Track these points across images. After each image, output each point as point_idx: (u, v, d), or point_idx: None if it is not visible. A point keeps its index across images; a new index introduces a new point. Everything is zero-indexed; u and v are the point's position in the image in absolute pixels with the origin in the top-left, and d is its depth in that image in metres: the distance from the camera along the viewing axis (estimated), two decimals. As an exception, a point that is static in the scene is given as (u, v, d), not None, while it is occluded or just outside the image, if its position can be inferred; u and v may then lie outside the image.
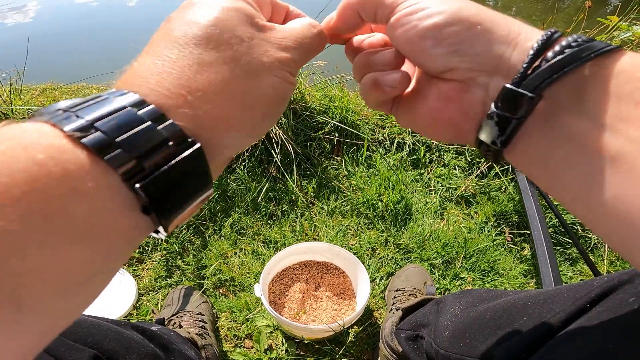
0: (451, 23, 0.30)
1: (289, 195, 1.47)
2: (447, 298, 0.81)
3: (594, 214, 0.28)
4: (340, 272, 1.21)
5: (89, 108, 0.24)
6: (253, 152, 1.50)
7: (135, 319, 1.16)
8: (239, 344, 1.12)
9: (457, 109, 0.33)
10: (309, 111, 1.57)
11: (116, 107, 0.25)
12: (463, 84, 0.32)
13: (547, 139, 0.29)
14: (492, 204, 1.47)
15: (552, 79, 0.28)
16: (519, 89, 0.28)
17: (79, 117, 0.23)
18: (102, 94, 0.26)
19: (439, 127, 0.35)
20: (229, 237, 1.35)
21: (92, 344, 0.59)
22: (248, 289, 1.22)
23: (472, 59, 0.30)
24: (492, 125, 0.30)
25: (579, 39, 0.28)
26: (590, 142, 0.27)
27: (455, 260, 1.32)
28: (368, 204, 1.45)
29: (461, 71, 0.31)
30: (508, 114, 0.29)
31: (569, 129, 0.28)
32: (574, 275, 1.33)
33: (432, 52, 0.31)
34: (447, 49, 0.30)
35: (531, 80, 0.28)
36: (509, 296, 0.63)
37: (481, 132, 0.32)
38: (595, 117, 0.27)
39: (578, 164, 0.28)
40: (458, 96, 0.32)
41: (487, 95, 0.31)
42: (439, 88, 0.33)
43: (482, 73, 0.30)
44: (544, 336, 0.49)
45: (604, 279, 0.47)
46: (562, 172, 0.29)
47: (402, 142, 1.65)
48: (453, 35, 0.30)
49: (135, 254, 1.28)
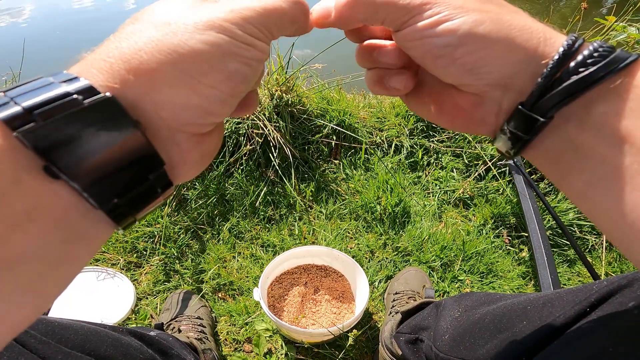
0: (465, 43, 0.29)
1: (287, 199, 1.47)
2: (446, 301, 0.81)
3: (599, 212, 0.30)
4: (339, 276, 1.21)
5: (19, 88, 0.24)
6: (251, 156, 1.50)
7: (133, 323, 1.15)
8: (238, 347, 1.11)
9: (472, 117, 0.34)
10: (307, 114, 1.57)
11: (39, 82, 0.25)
12: (477, 97, 0.32)
13: (556, 148, 0.31)
14: (490, 206, 1.48)
15: (564, 102, 0.28)
16: (531, 112, 0.29)
17: None
18: None
19: (455, 126, 0.36)
20: (227, 241, 1.34)
21: (89, 351, 0.59)
22: (247, 293, 1.21)
23: (486, 77, 0.30)
24: (504, 139, 0.32)
25: (600, 49, 0.28)
26: (595, 153, 0.28)
27: (454, 262, 1.32)
28: (366, 207, 1.45)
29: (475, 87, 0.32)
30: (519, 133, 0.31)
31: (576, 141, 0.29)
32: (572, 277, 1.34)
33: (445, 70, 0.31)
34: (461, 68, 0.30)
35: (543, 103, 0.29)
36: (509, 300, 0.63)
37: (495, 142, 0.34)
38: (601, 132, 0.28)
39: (584, 169, 0.29)
40: (472, 108, 0.33)
41: (500, 109, 0.32)
42: (454, 98, 0.34)
43: (496, 88, 0.31)
44: (543, 340, 0.49)
45: (603, 283, 0.47)
46: (569, 175, 0.31)
47: (399, 144, 1.65)
48: (466, 55, 0.30)
49: (133, 258, 1.28)
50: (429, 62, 0.32)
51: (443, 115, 0.36)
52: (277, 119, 1.47)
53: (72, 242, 0.25)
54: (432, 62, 0.31)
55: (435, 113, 0.37)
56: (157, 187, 0.29)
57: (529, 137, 0.30)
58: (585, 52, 0.28)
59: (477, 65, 0.30)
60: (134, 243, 1.31)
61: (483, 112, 0.33)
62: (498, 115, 0.32)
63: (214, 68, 0.28)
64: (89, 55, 0.27)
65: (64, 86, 0.24)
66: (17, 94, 0.23)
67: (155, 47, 0.27)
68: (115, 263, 1.27)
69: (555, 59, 0.28)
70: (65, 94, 0.24)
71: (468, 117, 0.34)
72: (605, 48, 0.28)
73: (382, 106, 1.77)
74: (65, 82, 0.25)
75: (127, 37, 0.27)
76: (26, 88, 0.24)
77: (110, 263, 1.27)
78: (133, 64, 0.26)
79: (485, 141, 1.64)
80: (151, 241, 1.32)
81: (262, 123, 1.44)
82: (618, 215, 0.28)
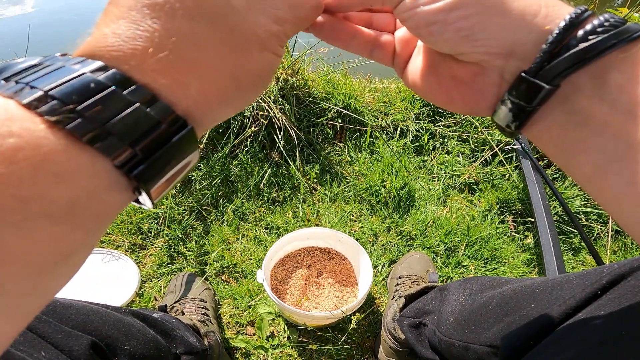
0: (458, 6, 0.28)
1: (291, 181, 1.46)
2: (451, 285, 0.80)
3: (608, 197, 0.28)
4: (343, 259, 1.20)
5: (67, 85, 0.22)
6: (256, 138, 1.49)
7: (137, 306, 1.16)
8: (241, 330, 1.12)
9: (471, 90, 0.32)
10: (312, 97, 1.56)
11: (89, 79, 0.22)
12: (477, 67, 0.31)
13: (563, 122, 0.29)
14: (495, 191, 1.46)
15: (572, 69, 0.27)
16: (535, 79, 0.28)
17: (57, 100, 0.21)
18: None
19: (452, 103, 0.34)
20: (231, 222, 1.34)
21: (90, 330, 0.59)
22: (250, 276, 1.21)
23: (485, 43, 0.29)
24: (505, 111, 0.30)
25: (611, 19, 0.26)
26: (608, 128, 0.26)
27: (458, 248, 1.31)
28: (371, 190, 1.44)
29: (474, 55, 0.30)
30: (522, 103, 0.29)
31: (587, 113, 0.27)
32: (576, 265, 1.33)
33: (441, 37, 0.30)
34: (456, 34, 0.29)
35: (549, 70, 0.27)
36: (515, 284, 0.62)
37: (495, 115, 0.31)
38: (617, 103, 0.26)
39: (592, 148, 0.28)
40: (472, 79, 0.32)
41: (502, 79, 0.30)
42: (452, 69, 0.32)
43: (497, 57, 0.29)
44: (552, 323, 0.48)
45: (614, 266, 0.46)
46: (576, 154, 0.29)
47: (405, 128, 1.64)
48: (461, 19, 0.28)
49: (138, 240, 1.28)
50: (424, 31, 0.30)
51: (442, 90, 0.34)
52: (282, 101, 1.46)
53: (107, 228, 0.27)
54: (427, 29, 0.30)
55: (433, 89, 0.35)
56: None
57: (532, 106, 0.29)
58: (595, 22, 0.26)
59: (474, 31, 0.28)
60: (139, 224, 1.31)
61: (483, 83, 0.31)
62: (500, 86, 0.31)
63: (262, 85, 0.31)
64: (153, 62, 0.25)
65: (153, 114, 0.24)
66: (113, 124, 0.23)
67: (219, 67, 0.27)
68: (120, 245, 1.27)
69: (562, 26, 0.27)
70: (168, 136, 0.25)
71: (468, 89, 0.32)
72: (617, 19, 0.26)
73: (387, 90, 1.75)
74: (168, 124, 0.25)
75: (190, 45, 0.26)
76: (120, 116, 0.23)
77: (115, 245, 1.27)
78: (197, 86, 0.26)
79: (492, 126, 1.62)
80: (156, 222, 1.32)
81: (267, 105, 1.42)
82: (632, 200, 0.26)
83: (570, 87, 0.28)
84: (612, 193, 0.28)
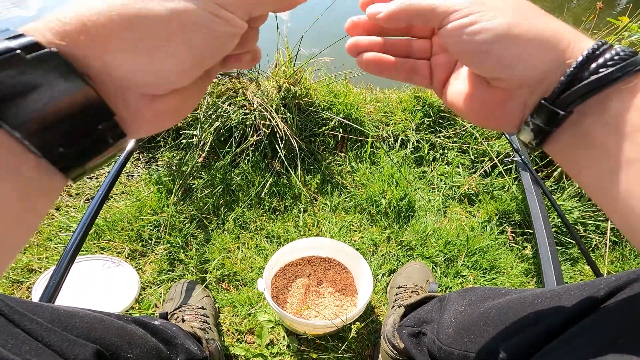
0: (501, 41, 0.31)
1: (292, 191, 1.47)
2: (450, 295, 0.81)
3: (610, 205, 0.32)
4: (343, 268, 1.21)
5: None
6: (257, 147, 1.50)
7: (137, 312, 1.16)
8: (240, 338, 1.12)
9: (499, 112, 0.37)
10: (314, 107, 1.57)
11: None
12: (507, 94, 0.35)
13: (573, 143, 0.34)
14: (495, 202, 1.47)
15: (583, 98, 0.31)
16: (553, 106, 0.32)
17: None
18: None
19: (486, 124, 0.39)
20: (232, 231, 1.35)
21: (94, 339, 0.59)
22: (250, 284, 1.22)
23: (521, 73, 0.32)
24: (528, 131, 0.35)
25: (621, 53, 0.30)
26: (609, 149, 0.31)
27: (457, 258, 1.32)
28: (371, 201, 1.45)
29: (508, 83, 0.34)
30: (542, 125, 0.33)
31: (591, 136, 0.32)
32: (574, 275, 1.34)
33: (482, 65, 0.34)
34: (497, 63, 0.32)
35: (564, 98, 0.31)
36: (514, 294, 0.63)
37: (520, 133, 0.37)
38: (616, 127, 0.30)
39: (596, 165, 0.32)
40: (500, 104, 0.36)
41: (525, 106, 0.35)
42: (484, 93, 0.37)
43: (526, 88, 0.34)
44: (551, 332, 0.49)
45: (612, 278, 0.47)
46: (584, 169, 0.34)
47: (406, 139, 1.65)
48: (502, 52, 0.32)
49: (138, 247, 1.29)
50: (467, 56, 0.34)
51: (475, 113, 0.39)
52: (284, 110, 1.47)
53: (28, 194, 0.26)
54: (470, 56, 0.34)
55: (469, 112, 0.39)
56: (108, 138, 0.29)
57: (550, 128, 0.33)
58: (607, 55, 0.30)
59: (514, 62, 0.32)
60: (140, 231, 1.32)
61: (510, 108, 0.36)
62: (524, 111, 0.35)
63: (176, 37, 0.28)
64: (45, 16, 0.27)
65: (6, 42, 0.25)
66: None
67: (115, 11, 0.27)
68: (120, 251, 1.28)
69: (579, 61, 0.31)
70: (7, 49, 0.24)
71: (496, 112, 0.37)
72: (627, 52, 0.30)
73: (389, 100, 1.76)
74: (10, 38, 0.25)
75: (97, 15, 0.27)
76: None
77: (115, 251, 1.28)
78: (88, 26, 0.26)
79: (491, 137, 1.63)
80: (157, 230, 1.32)
81: (269, 114, 1.43)
82: (626, 205, 0.30)
83: (579, 115, 0.32)
84: (613, 202, 0.32)
